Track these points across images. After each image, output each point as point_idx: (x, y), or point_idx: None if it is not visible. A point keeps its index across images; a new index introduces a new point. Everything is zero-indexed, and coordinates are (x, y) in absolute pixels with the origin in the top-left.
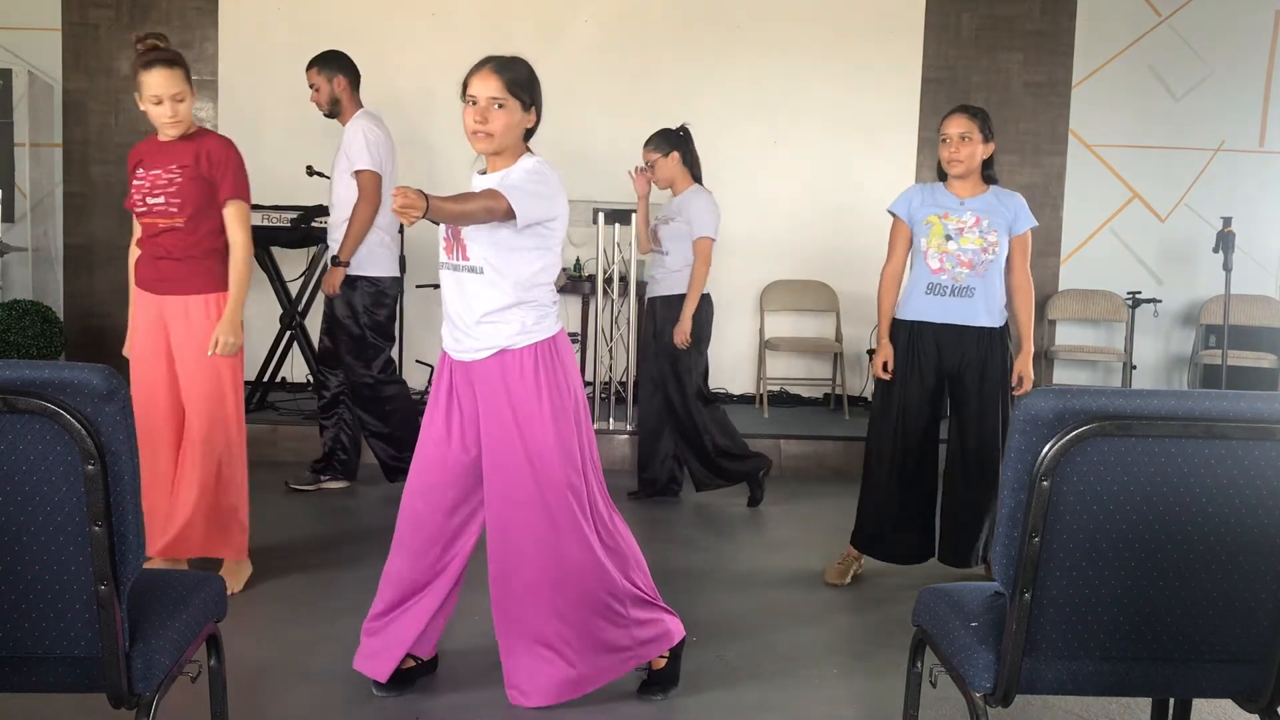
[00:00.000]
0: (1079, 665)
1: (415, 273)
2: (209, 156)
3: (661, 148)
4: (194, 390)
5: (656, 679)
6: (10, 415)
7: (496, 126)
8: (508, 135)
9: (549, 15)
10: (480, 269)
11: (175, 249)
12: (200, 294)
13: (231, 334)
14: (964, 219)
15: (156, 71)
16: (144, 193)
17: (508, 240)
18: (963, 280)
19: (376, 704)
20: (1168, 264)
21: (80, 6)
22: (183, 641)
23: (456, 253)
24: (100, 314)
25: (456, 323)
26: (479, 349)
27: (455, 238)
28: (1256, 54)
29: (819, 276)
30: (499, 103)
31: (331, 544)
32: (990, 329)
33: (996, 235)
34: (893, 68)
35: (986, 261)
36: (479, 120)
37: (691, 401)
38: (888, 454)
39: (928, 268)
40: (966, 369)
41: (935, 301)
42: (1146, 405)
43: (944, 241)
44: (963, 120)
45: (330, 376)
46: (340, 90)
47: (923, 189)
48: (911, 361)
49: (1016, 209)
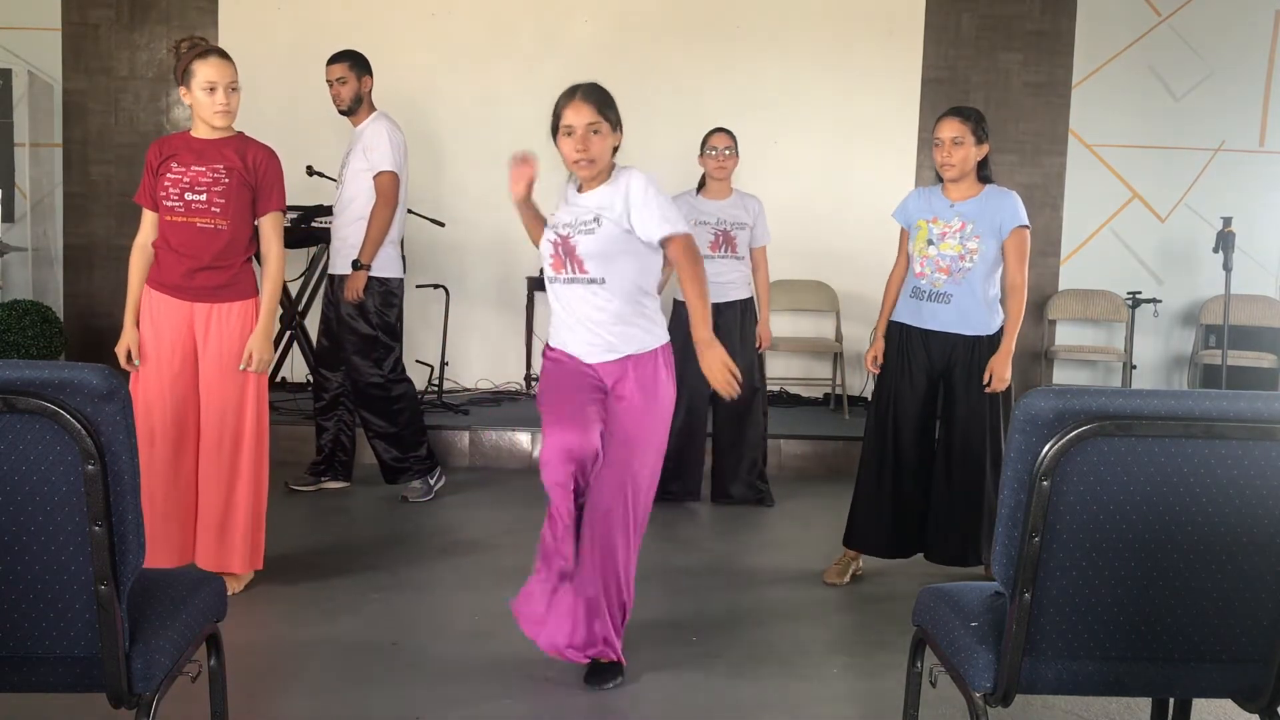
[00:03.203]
0: (1079, 665)
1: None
2: (256, 165)
3: (735, 145)
4: (219, 399)
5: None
6: (10, 415)
7: (596, 151)
8: (605, 157)
9: (549, 15)
10: (603, 279)
11: (218, 257)
12: (233, 301)
13: (266, 349)
14: (950, 224)
15: (213, 59)
16: (181, 188)
17: (624, 246)
18: (940, 286)
19: (376, 704)
20: (1168, 264)
21: (80, 6)
22: (183, 641)
23: (571, 267)
24: (100, 314)
25: (577, 329)
26: (609, 352)
27: (569, 255)
28: (1256, 54)
29: (819, 276)
30: (595, 128)
31: (331, 544)
32: (978, 336)
33: (978, 242)
34: (893, 68)
35: (964, 269)
36: (580, 149)
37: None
38: (879, 452)
39: (913, 271)
40: (955, 371)
41: (915, 305)
42: (1146, 405)
43: (925, 246)
44: (954, 124)
45: (330, 378)
46: (365, 90)
47: (921, 193)
48: (903, 362)
49: (1006, 211)
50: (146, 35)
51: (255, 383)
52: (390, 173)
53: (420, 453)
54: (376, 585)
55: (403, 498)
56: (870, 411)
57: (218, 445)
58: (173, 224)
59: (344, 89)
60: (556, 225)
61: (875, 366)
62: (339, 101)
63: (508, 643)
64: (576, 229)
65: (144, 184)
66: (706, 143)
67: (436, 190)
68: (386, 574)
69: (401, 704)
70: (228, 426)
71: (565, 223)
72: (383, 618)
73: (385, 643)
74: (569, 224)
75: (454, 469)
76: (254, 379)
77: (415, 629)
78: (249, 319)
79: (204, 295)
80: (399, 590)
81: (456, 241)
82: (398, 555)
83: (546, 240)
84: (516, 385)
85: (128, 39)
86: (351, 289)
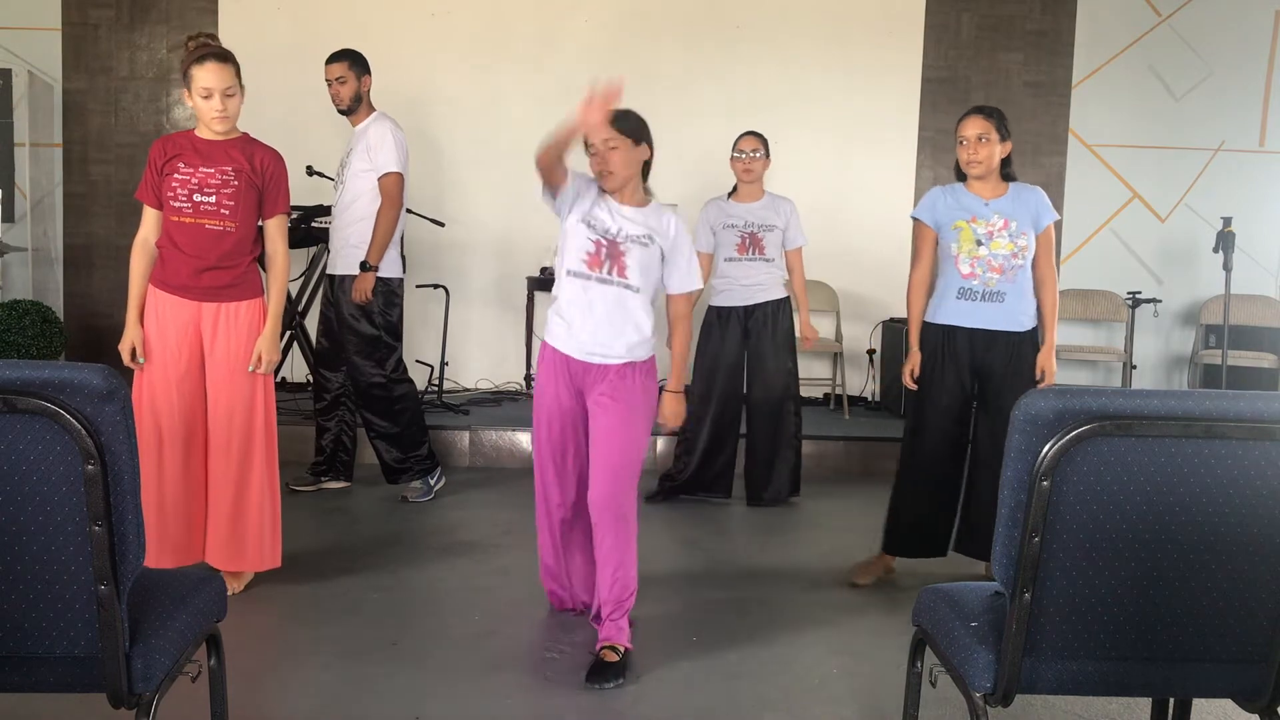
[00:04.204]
0: (1079, 665)
1: (415, 273)
2: (264, 168)
3: (764, 149)
4: (228, 399)
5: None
6: (10, 415)
7: (616, 164)
8: (627, 169)
9: (549, 15)
10: (638, 289)
11: (225, 258)
12: (240, 301)
13: (274, 351)
14: (992, 222)
15: (209, 65)
16: (190, 189)
17: (658, 268)
18: (994, 285)
19: (376, 704)
20: (1168, 264)
21: (80, 6)
22: (183, 641)
23: (611, 269)
24: (100, 314)
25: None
26: (612, 356)
27: (613, 258)
28: (1256, 54)
29: (819, 276)
30: (612, 144)
31: (332, 544)
32: (1020, 332)
33: (1026, 238)
34: (893, 68)
35: (1016, 266)
36: (600, 164)
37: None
38: (923, 457)
39: (958, 273)
40: (995, 369)
41: (967, 306)
42: (1146, 405)
43: (975, 246)
44: (980, 121)
45: (330, 378)
46: (365, 90)
47: (945, 191)
48: (944, 363)
49: (1038, 205)
50: (146, 35)
51: (263, 383)
52: (396, 174)
53: (421, 453)
54: (376, 585)
55: (403, 498)
56: (910, 415)
57: (227, 445)
58: (180, 225)
59: (343, 88)
60: (597, 226)
61: (914, 383)
62: (338, 101)
63: (508, 643)
64: (630, 240)
65: (146, 180)
66: (735, 145)
67: (437, 190)
68: (386, 574)
69: (401, 704)
70: (237, 427)
71: (611, 229)
72: (383, 618)
73: (385, 643)
74: (616, 232)
75: (454, 469)
76: (262, 379)
77: (415, 629)
78: (256, 319)
79: (211, 295)
80: (399, 590)
81: (456, 241)
82: (398, 555)
83: (584, 236)
84: (516, 385)
85: (128, 39)
86: (360, 290)
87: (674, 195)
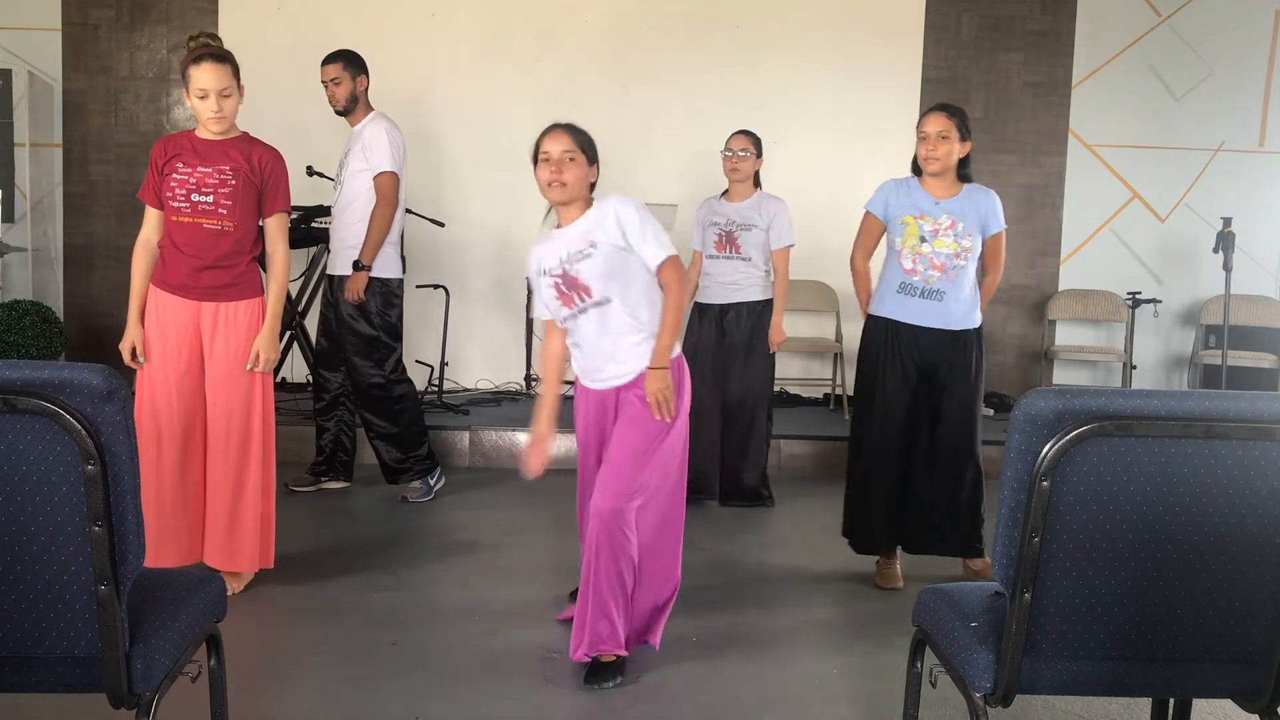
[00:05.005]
0: (1079, 665)
1: (415, 273)
2: (262, 167)
3: (754, 149)
4: (226, 398)
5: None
6: (10, 415)
7: (570, 177)
8: (579, 185)
9: (549, 15)
10: (608, 298)
11: (224, 257)
12: (239, 300)
13: (273, 349)
14: (939, 221)
15: (205, 66)
16: (188, 189)
17: (621, 263)
18: (933, 283)
19: (376, 704)
20: (1168, 264)
21: (80, 6)
22: (183, 641)
23: (578, 297)
24: (100, 314)
25: (599, 357)
26: (625, 374)
27: (573, 286)
28: (1256, 54)
29: (818, 276)
30: (570, 155)
31: (331, 544)
32: (959, 330)
33: (971, 240)
34: (893, 68)
35: (958, 266)
36: (554, 172)
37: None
38: (871, 446)
39: (901, 267)
40: (941, 366)
41: (904, 301)
42: (1146, 405)
43: (919, 243)
44: (941, 119)
45: (329, 378)
46: (361, 90)
47: (898, 185)
48: (892, 357)
49: (989, 210)
50: (146, 35)
51: (262, 382)
52: (390, 173)
53: (421, 453)
54: (376, 585)
55: (403, 498)
56: (858, 406)
57: (225, 445)
58: (179, 224)
59: (339, 89)
60: (550, 269)
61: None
62: (334, 102)
63: (508, 643)
64: (572, 260)
65: (148, 181)
66: (726, 144)
67: (436, 190)
68: (386, 574)
69: (401, 704)
70: (235, 426)
71: (559, 259)
72: (383, 618)
73: (385, 643)
74: (563, 259)
75: (454, 469)
76: (260, 379)
77: (415, 629)
78: (255, 318)
79: (211, 294)
80: (399, 590)
81: (456, 241)
82: (398, 555)
83: (547, 287)
84: (516, 385)
85: (128, 39)
86: (352, 290)
87: (673, 194)
